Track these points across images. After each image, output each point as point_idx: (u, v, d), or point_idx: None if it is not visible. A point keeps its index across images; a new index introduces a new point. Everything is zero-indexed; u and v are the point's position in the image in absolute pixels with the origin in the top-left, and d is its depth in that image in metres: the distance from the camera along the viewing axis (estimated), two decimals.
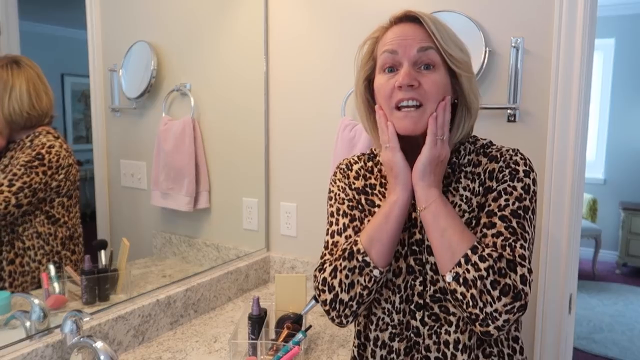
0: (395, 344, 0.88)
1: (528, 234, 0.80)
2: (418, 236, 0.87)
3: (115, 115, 1.29)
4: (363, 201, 0.93)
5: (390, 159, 0.84)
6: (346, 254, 0.84)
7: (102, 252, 1.23)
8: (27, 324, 1.02)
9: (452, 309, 0.84)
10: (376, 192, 0.93)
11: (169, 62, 1.42)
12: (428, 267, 0.86)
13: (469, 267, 0.75)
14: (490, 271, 0.74)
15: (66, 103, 1.15)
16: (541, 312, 1.30)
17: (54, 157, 1.10)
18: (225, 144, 1.63)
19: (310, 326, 1.17)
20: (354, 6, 1.53)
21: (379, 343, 0.89)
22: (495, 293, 0.73)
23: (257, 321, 1.17)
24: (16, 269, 1.06)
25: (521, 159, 0.85)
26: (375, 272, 0.82)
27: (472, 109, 0.87)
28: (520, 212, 0.81)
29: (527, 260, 0.77)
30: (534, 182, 0.84)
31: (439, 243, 0.79)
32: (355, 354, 0.95)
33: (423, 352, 0.86)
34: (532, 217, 0.82)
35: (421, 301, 0.86)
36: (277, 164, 1.73)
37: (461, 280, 0.75)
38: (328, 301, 0.85)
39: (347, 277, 0.83)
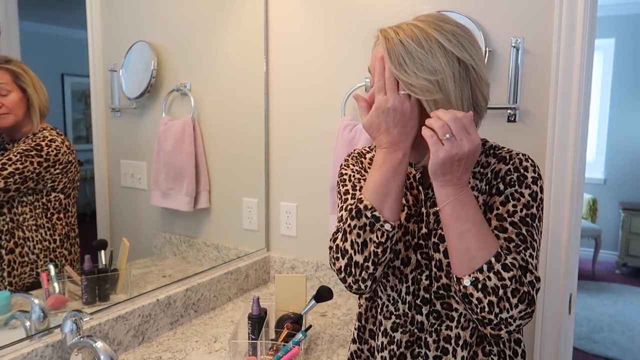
0: (398, 335, 0.89)
1: (536, 242, 0.80)
2: (424, 230, 0.87)
3: (115, 115, 1.29)
4: None
5: (398, 105, 0.79)
6: (353, 212, 0.81)
7: (102, 252, 1.23)
8: (27, 324, 1.02)
9: (454, 305, 0.85)
10: None
11: (169, 62, 1.42)
12: (433, 263, 0.86)
13: (491, 275, 0.73)
14: (513, 280, 0.73)
15: (66, 103, 1.15)
16: (541, 312, 1.30)
17: (52, 151, 1.10)
18: (225, 143, 1.63)
19: (310, 326, 1.17)
20: (355, 5, 1.53)
21: (382, 329, 0.90)
22: (514, 301, 0.72)
23: (257, 321, 1.17)
24: (15, 259, 1.06)
25: (531, 165, 0.84)
26: (387, 226, 0.79)
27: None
28: (528, 219, 0.80)
29: (535, 269, 0.78)
30: (541, 189, 0.84)
31: (456, 246, 0.76)
32: (355, 336, 0.98)
33: (424, 348, 0.87)
34: (539, 225, 0.82)
35: (427, 295, 0.87)
36: (277, 164, 1.73)
37: (480, 286, 0.73)
38: (343, 267, 0.82)
39: (358, 236, 0.80)
